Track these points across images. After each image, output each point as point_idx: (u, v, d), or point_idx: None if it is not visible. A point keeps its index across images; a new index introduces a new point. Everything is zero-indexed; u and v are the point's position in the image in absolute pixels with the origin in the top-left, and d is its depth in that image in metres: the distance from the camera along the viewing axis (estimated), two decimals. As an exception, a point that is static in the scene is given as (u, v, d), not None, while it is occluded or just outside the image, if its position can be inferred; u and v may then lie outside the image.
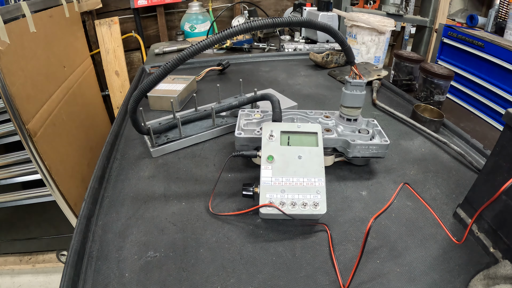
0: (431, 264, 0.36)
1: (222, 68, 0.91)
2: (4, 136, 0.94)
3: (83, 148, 1.24)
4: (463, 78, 1.28)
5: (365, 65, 0.91)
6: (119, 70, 1.68)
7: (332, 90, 0.83)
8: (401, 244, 0.39)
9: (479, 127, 0.71)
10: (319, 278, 0.35)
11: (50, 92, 1.07)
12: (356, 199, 0.46)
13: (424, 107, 0.67)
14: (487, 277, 0.34)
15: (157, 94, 0.69)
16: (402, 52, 0.83)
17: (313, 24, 0.40)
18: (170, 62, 0.37)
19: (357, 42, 0.98)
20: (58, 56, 1.14)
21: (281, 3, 2.07)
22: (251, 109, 0.57)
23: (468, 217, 0.41)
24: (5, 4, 1.01)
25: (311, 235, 0.40)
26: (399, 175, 0.51)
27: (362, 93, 0.48)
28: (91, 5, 1.55)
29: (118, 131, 0.62)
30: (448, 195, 0.47)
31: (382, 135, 0.49)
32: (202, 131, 0.59)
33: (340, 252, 0.38)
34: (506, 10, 1.70)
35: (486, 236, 0.38)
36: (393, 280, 0.34)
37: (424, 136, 0.63)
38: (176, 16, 1.88)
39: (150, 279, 0.34)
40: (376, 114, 0.71)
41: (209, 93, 0.79)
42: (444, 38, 1.35)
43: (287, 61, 1.05)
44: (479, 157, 0.57)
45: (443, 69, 0.71)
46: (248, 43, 1.16)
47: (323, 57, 0.96)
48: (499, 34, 1.64)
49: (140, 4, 1.69)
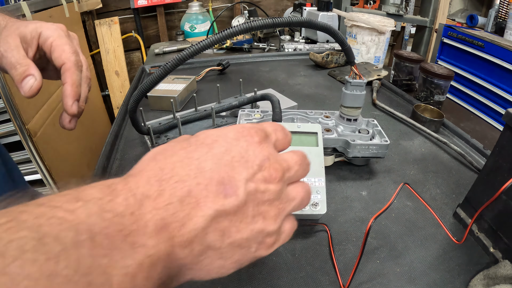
0: (431, 264, 0.36)
1: (222, 68, 0.91)
2: (4, 136, 0.94)
3: (83, 148, 1.24)
4: (463, 78, 1.28)
5: (365, 65, 0.91)
6: (119, 70, 1.68)
7: (332, 90, 0.83)
8: (401, 244, 0.39)
9: (479, 127, 0.71)
10: (319, 278, 0.35)
11: (50, 92, 1.07)
12: (356, 199, 0.46)
13: (424, 107, 0.67)
14: (487, 277, 0.34)
15: (157, 94, 0.69)
16: (402, 52, 0.83)
17: (313, 24, 0.40)
18: (170, 62, 0.37)
19: (357, 42, 0.98)
20: (58, 56, 1.14)
21: (281, 3, 2.07)
22: (251, 109, 0.57)
23: (468, 217, 0.41)
24: (5, 4, 1.01)
25: (311, 235, 0.40)
26: (399, 175, 0.51)
27: (362, 93, 0.48)
28: (91, 5, 1.55)
29: (118, 131, 0.62)
30: (448, 195, 0.47)
31: (382, 135, 0.49)
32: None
33: (340, 252, 0.38)
34: (506, 10, 1.70)
35: (486, 236, 0.38)
36: (393, 280, 0.34)
37: (424, 136, 0.63)
38: (176, 16, 1.88)
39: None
40: (376, 114, 0.71)
41: (209, 93, 0.79)
42: (444, 38, 1.35)
43: (287, 61, 1.05)
44: (479, 157, 0.57)
45: (443, 69, 0.71)
46: (248, 43, 1.16)
47: (323, 57, 0.96)
48: (499, 34, 1.64)
49: (140, 4, 1.69)
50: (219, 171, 0.19)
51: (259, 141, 0.21)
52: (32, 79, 0.33)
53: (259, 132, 0.21)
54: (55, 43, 0.35)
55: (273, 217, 0.21)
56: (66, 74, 0.35)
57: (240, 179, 0.19)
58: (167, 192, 0.18)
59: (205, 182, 0.18)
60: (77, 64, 0.36)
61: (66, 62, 0.35)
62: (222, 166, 0.19)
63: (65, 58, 0.35)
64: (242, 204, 0.19)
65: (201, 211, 0.18)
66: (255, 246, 0.20)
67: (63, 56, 0.35)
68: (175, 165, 0.19)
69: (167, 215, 0.17)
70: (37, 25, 0.36)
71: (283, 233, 0.22)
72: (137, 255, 0.16)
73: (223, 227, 0.19)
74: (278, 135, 0.23)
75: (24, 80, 0.33)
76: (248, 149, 0.20)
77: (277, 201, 0.21)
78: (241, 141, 0.20)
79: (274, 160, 0.21)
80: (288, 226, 0.22)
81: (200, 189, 0.18)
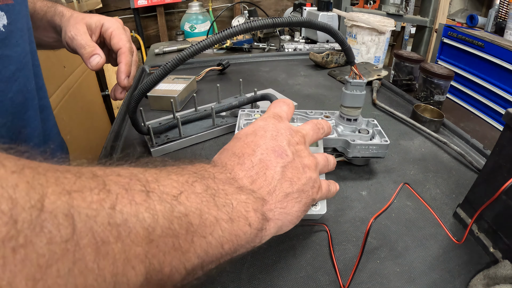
0: (431, 264, 0.36)
1: (222, 68, 0.91)
2: (4, 136, 0.94)
3: (83, 148, 1.24)
4: (463, 78, 1.29)
5: (365, 65, 0.91)
6: (119, 70, 1.67)
7: (332, 90, 0.83)
8: (401, 244, 0.39)
9: (479, 127, 0.71)
10: (319, 278, 0.35)
11: (50, 92, 1.07)
12: (356, 199, 0.46)
13: (424, 107, 0.67)
14: (487, 277, 0.34)
15: (157, 94, 0.69)
16: (402, 52, 0.83)
17: (313, 24, 0.40)
18: (170, 62, 0.37)
19: (357, 42, 0.98)
20: (58, 56, 1.14)
21: (281, 3, 2.07)
22: (251, 109, 0.57)
23: (468, 217, 0.41)
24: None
25: (311, 235, 0.40)
26: (399, 175, 0.51)
27: (362, 93, 0.48)
28: (91, 5, 1.55)
29: (118, 131, 0.62)
30: (448, 195, 0.47)
31: (382, 135, 0.49)
32: (202, 131, 0.59)
33: (340, 252, 0.38)
34: (506, 10, 1.70)
35: (486, 236, 0.38)
36: (393, 280, 0.34)
37: (424, 136, 0.63)
38: (176, 16, 1.88)
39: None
40: (376, 114, 0.71)
41: (209, 93, 0.79)
42: (444, 38, 1.35)
43: (287, 61, 1.05)
44: (479, 157, 0.57)
45: (443, 69, 0.71)
46: (248, 43, 1.16)
47: (323, 57, 0.96)
48: (499, 34, 1.64)
49: (140, 4, 1.69)
50: (270, 144, 0.28)
51: (278, 120, 0.31)
52: (98, 57, 0.43)
53: (274, 115, 0.32)
54: (114, 32, 0.45)
55: (313, 168, 0.30)
56: (122, 56, 0.45)
57: (284, 145, 0.28)
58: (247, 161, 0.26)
59: (266, 152, 0.27)
60: (130, 50, 0.46)
61: (122, 47, 0.45)
62: (269, 141, 0.28)
63: (122, 44, 0.45)
64: (292, 159, 0.28)
65: (273, 169, 0.27)
66: (310, 190, 0.29)
67: (120, 43, 0.45)
68: (240, 148, 0.28)
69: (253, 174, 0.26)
70: (100, 18, 0.47)
71: (322, 187, 0.31)
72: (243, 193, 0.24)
73: (290, 177, 0.27)
74: (284, 109, 0.33)
75: (92, 57, 0.42)
76: (276, 127, 0.30)
77: (310, 157, 0.30)
78: (269, 124, 0.30)
79: (295, 129, 0.31)
80: (324, 183, 0.32)
81: (265, 157, 0.27)
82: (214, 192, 0.22)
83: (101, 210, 0.15)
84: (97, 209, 0.15)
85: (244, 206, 0.23)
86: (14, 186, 0.13)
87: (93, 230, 0.15)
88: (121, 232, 0.16)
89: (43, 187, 0.14)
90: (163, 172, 0.21)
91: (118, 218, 0.16)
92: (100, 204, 0.16)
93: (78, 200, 0.15)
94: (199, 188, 0.21)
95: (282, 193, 0.26)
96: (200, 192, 0.21)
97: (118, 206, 0.16)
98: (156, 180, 0.20)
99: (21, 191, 0.13)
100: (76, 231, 0.14)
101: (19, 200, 0.13)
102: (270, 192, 0.25)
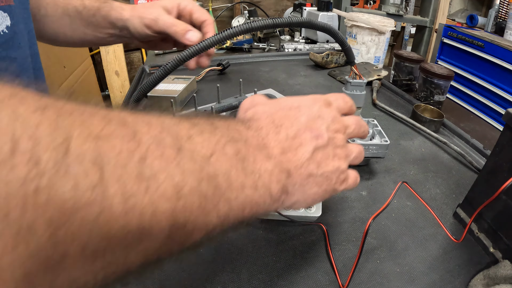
0: (431, 264, 0.36)
1: (222, 68, 0.91)
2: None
3: (83, 148, 1.24)
4: (463, 78, 1.29)
5: (365, 65, 0.91)
6: (119, 70, 1.68)
7: (332, 90, 0.83)
8: (401, 244, 0.39)
9: (479, 127, 0.71)
10: (319, 278, 0.35)
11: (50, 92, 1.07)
12: (356, 199, 0.46)
13: (424, 107, 0.67)
14: (487, 277, 0.34)
15: (157, 94, 0.69)
16: (402, 52, 0.83)
17: (313, 24, 0.40)
18: (170, 63, 0.37)
19: (357, 42, 0.98)
20: (58, 56, 1.14)
21: (281, 3, 2.07)
22: (251, 109, 0.57)
23: (468, 217, 0.41)
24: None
25: (310, 235, 0.40)
26: (399, 175, 0.51)
27: (362, 93, 0.48)
28: (91, 5, 1.55)
29: (118, 131, 0.62)
30: (448, 195, 0.47)
31: (382, 135, 0.49)
32: (202, 131, 0.59)
33: (340, 252, 0.38)
34: (506, 10, 1.70)
35: (486, 236, 0.38)
36: (393, 280, 0.34)
37: (424, 136, 0.63)
38: (176, 16, 1.88)
39: (149, 279, 0.34)
40: (376, 114, 0.71)
41: (209, 93, 0.79)
42: (444, 38, 1.35)
43: (287, 61, 1.05)
44: (479, 157, 0.57)
45: (443, 69, 0.71)
46: (248, 43, 1.16)
47: (323, 57, 0.96)
48: (499, 34, 1.64)
49: (140, 4, 1.69)
50: (309, 123, 0.27)
51: (326, 106, 0.30)
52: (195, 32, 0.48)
53: (325, 101, 0.30)
54: (193, 8, 0.52)
55: (344, 159, 0.29)
56: (208, 26, 0.52)
57: (322, 128, 0.28)
58: (282, 133, 0.26)
59: (303, 129, 0.27)
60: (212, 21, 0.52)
61: (207, 19, 0.52)
62: (310, 120, 0.27)
63: (206, 17, 0.52)
64: (326, 145, 0.27)
65: (305, 147, 0.26)
66: (334, 180, 0.28)
67: (203, 16, 0.52)
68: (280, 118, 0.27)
69: (285, 146, 0.25)
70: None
71: (350, 177, 0.30)
72: (270, 163, 0.24)
73: (318, 160, 0.27)
74: (339, 102, 0.31)
75: (188, 33, 0.48)
76: (321, 110, 0.29)
77: (345, 148, 0.29)
78: (316, 105, 0.29)
79: (339, 119, 0.30)
80: (353, 173, 0.31)
81: (301, 133, 0.26)
82: (244, 157, 0.22)
83: (130, 161, 0.15)
84: (126, 159, 0.15)
85: (269, 176, 0.23)
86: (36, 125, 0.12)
87: (122, 180, 0.14)
88: (149, 186, 0.15)
89: (68, 129, 0.13)
90: (196, 129, 0.20)
91: (147, 171, 0.16)
92: (130, 155, 0.15)
93: (107, 147, 0.14)
94: (230, 151, 0.21)
95: (307, 172, 0.26)
96: (230, 155, 0.21)
97: (148, 159, 0.16)
98: (188, 137, 0.19)
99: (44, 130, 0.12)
100: (104, 179, 0.14)
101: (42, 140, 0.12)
102: (296, 168, 0.26)
